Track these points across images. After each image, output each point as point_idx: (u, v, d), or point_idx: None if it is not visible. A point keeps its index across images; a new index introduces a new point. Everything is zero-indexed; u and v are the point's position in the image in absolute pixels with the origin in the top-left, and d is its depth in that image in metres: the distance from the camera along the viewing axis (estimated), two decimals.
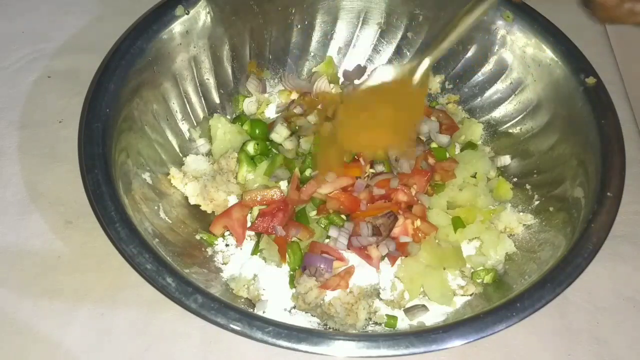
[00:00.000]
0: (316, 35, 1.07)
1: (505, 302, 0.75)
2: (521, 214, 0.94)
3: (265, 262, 0.89)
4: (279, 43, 1.05)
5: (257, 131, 0.98)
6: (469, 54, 1.03)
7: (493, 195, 0.97)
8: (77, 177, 0.95)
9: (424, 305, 0.86)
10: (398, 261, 0.88)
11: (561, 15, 1.00)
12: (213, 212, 0.94)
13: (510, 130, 1.02)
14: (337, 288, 0.85)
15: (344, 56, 1.09)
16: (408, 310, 0.86)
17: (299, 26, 1.05)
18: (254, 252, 0.90)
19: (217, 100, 1.03)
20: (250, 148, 0.95)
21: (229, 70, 1.03)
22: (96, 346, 0.81)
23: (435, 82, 1.07)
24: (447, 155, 0.98)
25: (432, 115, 1.00)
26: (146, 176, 0.88)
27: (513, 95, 1.01)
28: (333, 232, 0.88)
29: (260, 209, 0.91)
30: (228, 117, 1.03)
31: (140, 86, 0.89)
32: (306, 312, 0.86)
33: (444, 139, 0.99)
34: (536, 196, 0.95)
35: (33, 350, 0.81)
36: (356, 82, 1.08)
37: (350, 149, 0.82)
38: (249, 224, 0.91)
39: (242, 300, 0.86)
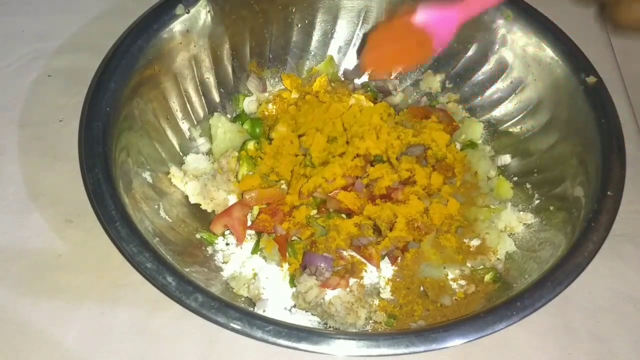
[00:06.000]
0: (316, 34, 1.07)
1: (505, 301, 0.75)
2: (521, 213, 0.94)
3: (266, 261, 0.89)
4: (279, 42, 1.05)
5: (257, 130, 0.98)
6: (470, 53, 1.03)
7: (493, 195, 0.97)
8: (77, 176, 0.94)
9: None
10: (398, 260, 0.89)
11: (561, 14, 0.99)
12: (213, 211, 0.94)
13: (511, 130, 1.02)
14: (337, 287, 0.85)
15: (345, 55, 1.09)
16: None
17: (299, 25, 1.05)
18: (254, 251, 0.90)
19: (218, 99, 1.03)
20: (251, 147, 0.95)
21: (229, 69, 1.03)
22: (96, 345, 0.81)
23: (436, 81, 1.07)
24: (447, 155, 0.98)
25: (433, 114, 1.00)
26: (146, 175, 0.89)
27: (513, 95, 1.01)
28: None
29: (261, 208, 0.91)
30: (228, 116, 1.03)
31: (140, 85, 0.89)
32: (306, 311, 0.86)
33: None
34: (536, 195, 0.95)
35: (33, 349, 0.81)
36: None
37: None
38: (249, 223, 0.91)
39: (243, 299, 0.86)
